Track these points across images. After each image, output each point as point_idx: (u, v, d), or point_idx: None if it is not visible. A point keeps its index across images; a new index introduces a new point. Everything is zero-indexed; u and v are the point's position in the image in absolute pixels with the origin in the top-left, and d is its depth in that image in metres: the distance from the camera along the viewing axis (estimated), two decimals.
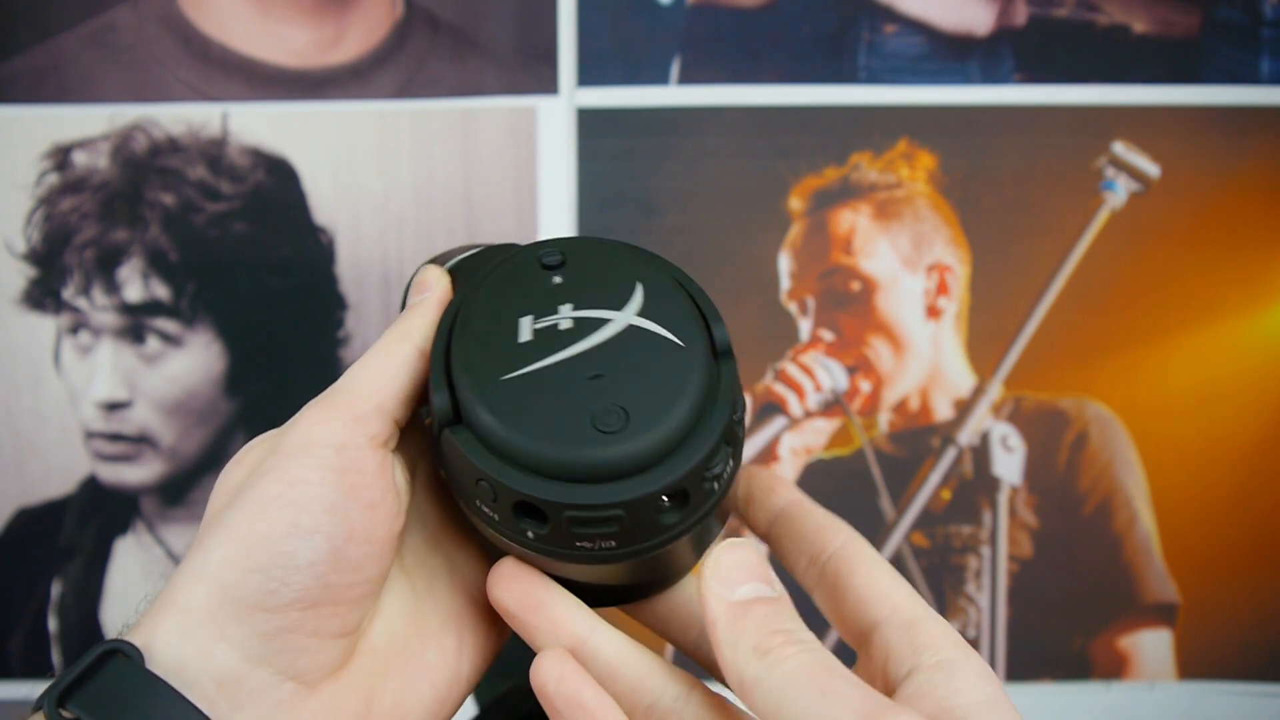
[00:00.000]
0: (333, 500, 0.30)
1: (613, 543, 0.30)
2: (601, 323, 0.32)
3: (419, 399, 0.34)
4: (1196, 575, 0.66)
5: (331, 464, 0.30)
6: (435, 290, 0.35)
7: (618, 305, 0.33)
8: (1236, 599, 0.66)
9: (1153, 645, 0.66)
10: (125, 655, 0.28)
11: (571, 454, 0.29)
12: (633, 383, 0.30)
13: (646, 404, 0.30)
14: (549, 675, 0.30)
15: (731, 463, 0.31)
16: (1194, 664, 0.66)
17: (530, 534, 0.30)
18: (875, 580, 0.33)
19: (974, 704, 0.29)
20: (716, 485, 0.31)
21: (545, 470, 0.29)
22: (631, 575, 0.33)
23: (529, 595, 0.32)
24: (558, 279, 0.34)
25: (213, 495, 0.33)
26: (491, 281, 0.34)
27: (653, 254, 0.35)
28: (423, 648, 0.33)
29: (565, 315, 0.32)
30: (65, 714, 0.28)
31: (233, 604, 0.29)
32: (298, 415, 0.32)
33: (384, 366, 0.33)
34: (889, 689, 0.30)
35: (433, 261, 0.38)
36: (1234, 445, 0.65)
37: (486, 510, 0.31)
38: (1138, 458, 0.65)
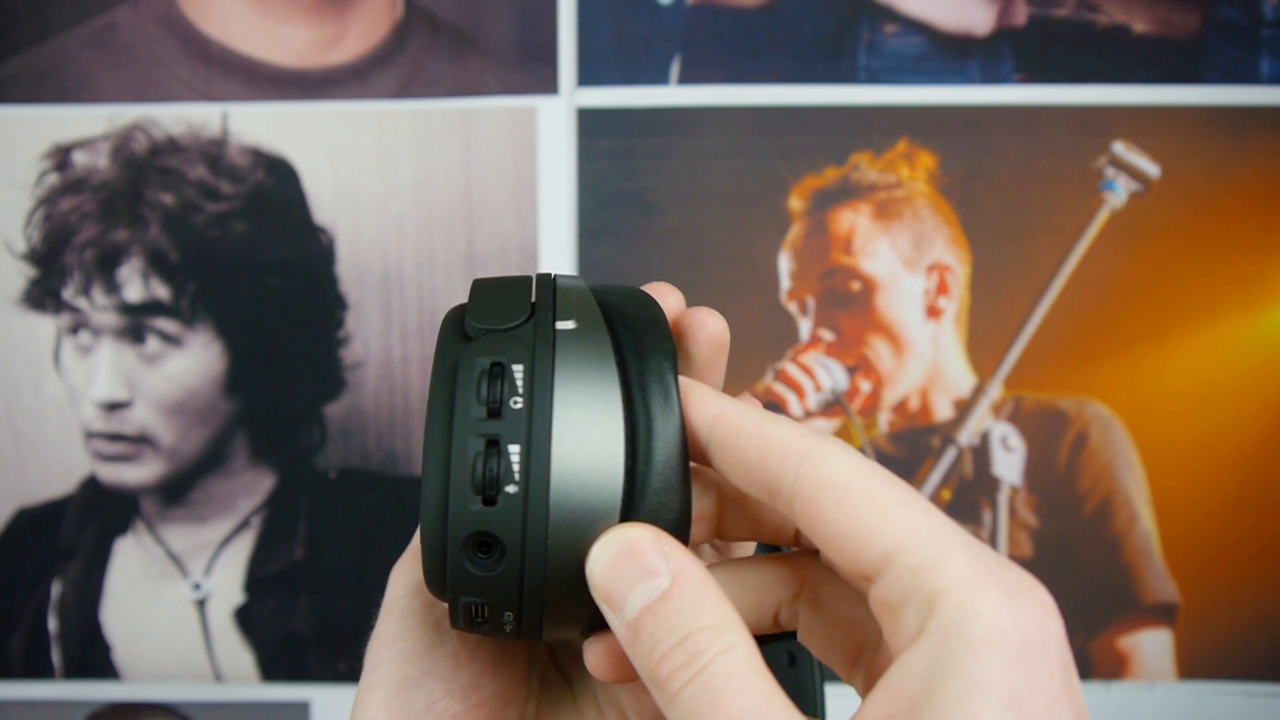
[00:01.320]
0: (428, 640, 0.31)
1: (508, 614, 0.27)
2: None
3: None
4: (1196, 575, 0.66)
5: (412, 609, 0.31)
6: None
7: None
8: (1236, 599, 0.66)
9: (1153, 645, 0.66)
10: None
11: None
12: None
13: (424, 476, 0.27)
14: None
15: (515, 448, 0.25)
16: (1194, 664, 0.66)
17: (506, 627, 0.28)
18: (854, 521, 0.24)
19: (952, 697, 0.21)
20: (511, 488, 0.25)
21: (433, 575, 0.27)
22: None
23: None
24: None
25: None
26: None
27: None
28: None
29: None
30: None
31: None
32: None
33: None
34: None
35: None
36: (1234, 445, 0.65)
37: (477, 622, 0.28)
38: (1138, 458, 0.65)
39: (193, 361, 0.65)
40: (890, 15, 0.63)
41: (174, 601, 0.66)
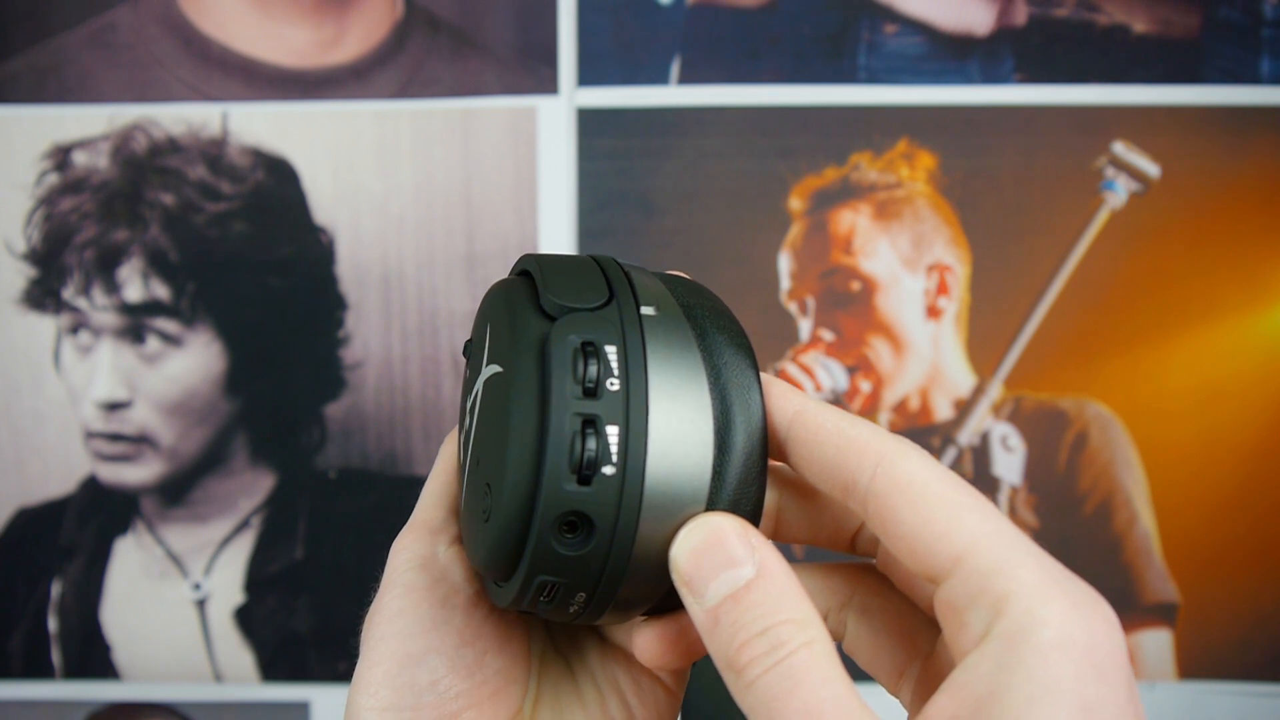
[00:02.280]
0: (433, 617, 0.31)
1: (581, 594, 0.27)
2: (475, 395, 0.30)
3: None
4: (1196, 575, 0.66)
5: (419, 584, 0.31)
6: None
7: (484, 358, 0.29)
8: (1236, 599, 0.66)
9: (1153, 645, 0.66)
10: None
11: (482, 551, 0.28)
12: (491, 443, 0.28)
13: (496, 467, 0.27)
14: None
15: (615, 429, 0.26)
16: (1194, 664, 0.66)
17: (573, 610, 0.28)
18: (929, 518, 0.24)
19: (1025, 699, 0.21)
20: (608, 470, 0.25)
21: (505, 562, 0.27)
22: None
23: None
24: (472, 353, 0.31)
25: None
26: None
27: (516, 275, 0.31)
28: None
29: (475, 390, 0.30)
30: None
31: None
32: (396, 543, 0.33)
33: (443, 477, 0.33)
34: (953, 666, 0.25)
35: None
36: (1234, 445, 0.65)
37: (543, 600, 0.28)
38: (1138, 458, 0.65)
39: (193, 361, 0.65)
40: (890, 15, 0.63)
41: (174, 601, 0.66)
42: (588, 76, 0.64)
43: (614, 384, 0.25)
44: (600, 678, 0.33)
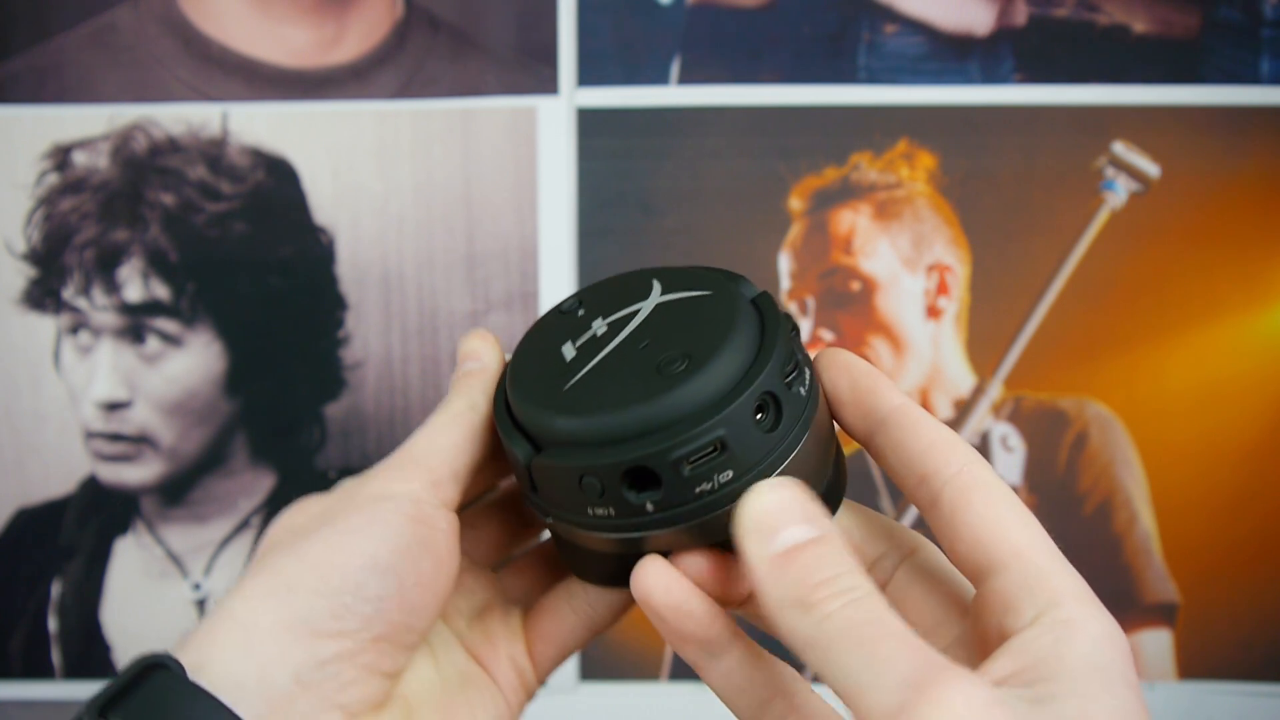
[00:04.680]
0: (407, 544, 0.31)
1: (729, 473, 0.29)
2: (632, 314, 0.33)
3: (483, 468, 0.35)
4: (1196, 575, 0.66)
5: (408, 512, 0.31)
6: (488, 358, 0.36)
7: (642, 299, 0.34)
8: (1236, 599, 0.66)
9: (1153, 645, 0.66)
10: (167, 669, 0.28)
11: (652, 405, 0.29)
12: (682, 334, 0.31)
13: (702, 340, 0.30)
14: (653, 583, 0.30)
15: (807, 371, 0.31)
16: (1194, 664, 0.66)
17: (650, 507, 0.30)
18: (997, 518, 0.29)
19: (1075, 669, 0.26)
20: (801, 390, 0.31)
21: (636, 431, 0.29)
22: None
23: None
24: (581, 312, 0.35)
25: (266, 536, 0.33)
26: (523, 343, 0.35)
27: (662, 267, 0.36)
28: (451, 706, 0.34)
29: (598, 326, 0.34)
30: None
31: (300, 625, 0.29)
32: (371, 474, 0.33)
33: (456, 436, 0.34)
34: (1003, 639, 0.28)
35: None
36: (1234, 445, 0.65)
37: (600, 512, 0.31)
38: (1138, 458, 0.65)
39: (193, 361, 0.65)
40: (890, 15, 0.63)
41: (174, 601, 0.66)
42: (588, 76, 0.64)
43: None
44: (463, 672, 0.35)
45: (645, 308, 0.33)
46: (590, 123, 0.64)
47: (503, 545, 0.39)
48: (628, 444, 0.29)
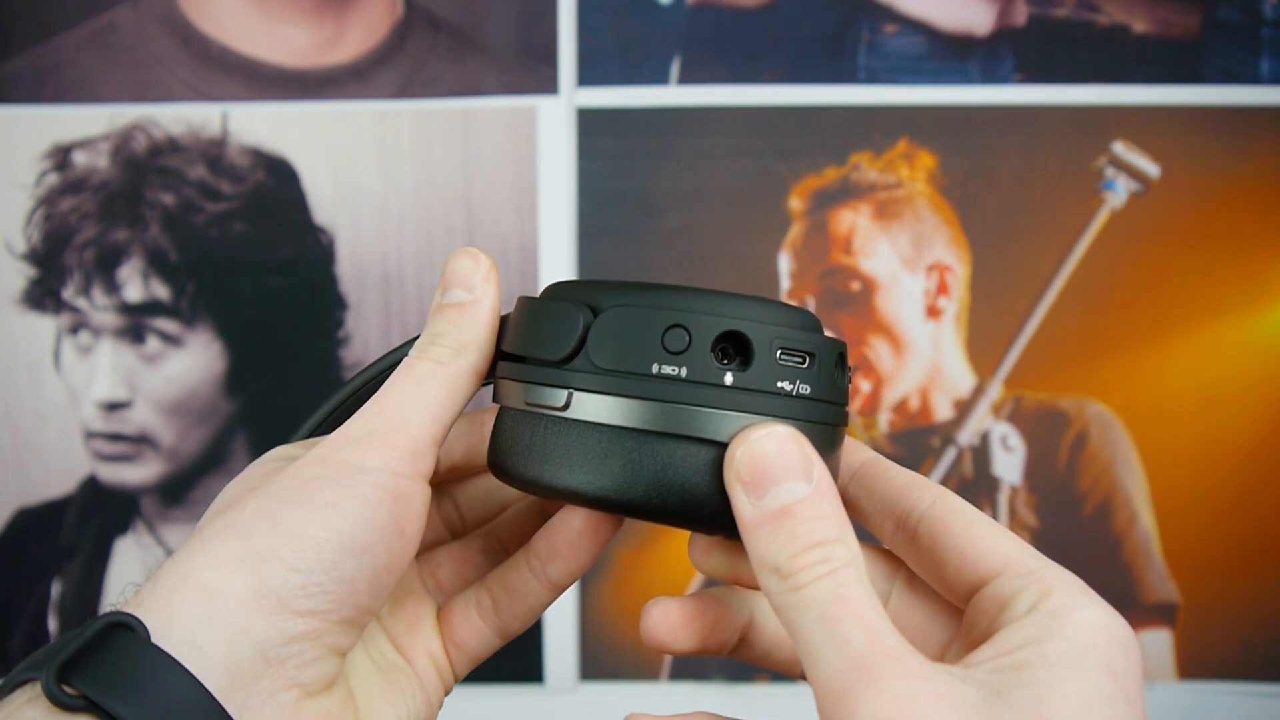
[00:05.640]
0: (385, 524, 0.30)
1: (808, 388, 0.29)
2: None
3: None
4: (1196, 575, 0.66)
5: (388, 488, 0.30)
6: (480, 290, 0.33)
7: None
8: (1236, 599, 0.66)
9: (1153, 645, 0.66)
10: (131, 630, 0.27)
11: (752, 302, 0.30)
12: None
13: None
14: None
15: (850, 376, 0.32)
16: (1194, 664, 0.66)
17: (729, 378, 0.29)
18: (978, 535, 0.29)
19: (1050, 656, 0.25)
20: (850, 378, 0.32)
21: (734, 313, 0.29)
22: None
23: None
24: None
25: (225, 492, 0.32)
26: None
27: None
28: (385, 692, 0.34)
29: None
30: (69, 690, 0.26)
31: (271, 599, 0.28)
32: (346, 434, 0.31)
33: (438, 392, 0.31)
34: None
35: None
36: (1234, 445, 0.65)
37: (669, 371, 0.29)
38: (1138, 458, 0.65)
39: (193, 361, 0.65)
40: (890, 15, 0.63)
41: None
42: (588, 76, 0.64)
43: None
44: (388, 657, 0.35)
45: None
46: (590, 123, 0.64)
47: (428, 535, 0.38)
48: (729, 317, 0.29)
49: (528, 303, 0.32)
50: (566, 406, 0.30)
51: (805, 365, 0.30)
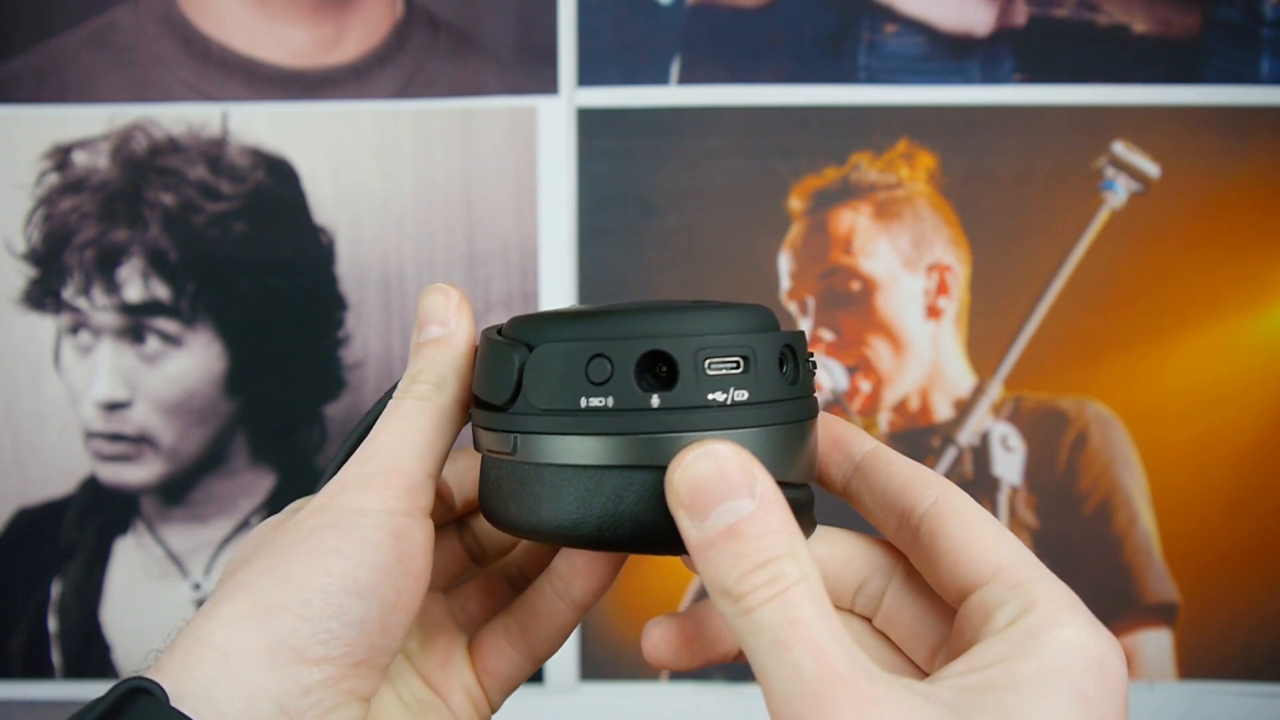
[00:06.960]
0: (388, 564, 0.30)
1: (745, 393, 0.29)
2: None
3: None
4: (1196, 575, 0.66)
5: (387, 528, 0.30)
6: (454, 323, 0.33)
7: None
8: (1236, 599, 0.66)
9: (1153, 645, 0.66)
10: (150, 694, 0.27)
11: (675, 313, 0.29)
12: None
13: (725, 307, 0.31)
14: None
15: (815, 374, 0.32)
16: (1194, 664, 0.66)
17: (655, 400, 0.28)
18: (975, 538, 0.29)
19: (1019, 677, 0.25)
20: (812, 366, 0.31)
21: (657, 331, 0.29)
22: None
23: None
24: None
25: (236, 551, 0.32)
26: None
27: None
28: None
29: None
30: None
31: (282, 650, 0.28)
32: (343, 481, 0.31)
33: (426, 427, 0.32)
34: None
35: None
36: (1234, 445, 0.65)
37: (597, 403, 0.29)
38: (1138, 458, 0.65)
39: (193, 361, 0.65)
40: (890, 15, 0.63)
41: (174, 601, 0.66)
42: (588, 76, 0.64)
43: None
44: (418, 694, 0.35)
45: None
46: (590, 123, 0.64)
47: (453, 568, 0.39)
48: (648, 337, 0.28)
49: (484, 343, 0.32)
50: (514, 451, 0.30)
51: (740, 370, 0.29)
